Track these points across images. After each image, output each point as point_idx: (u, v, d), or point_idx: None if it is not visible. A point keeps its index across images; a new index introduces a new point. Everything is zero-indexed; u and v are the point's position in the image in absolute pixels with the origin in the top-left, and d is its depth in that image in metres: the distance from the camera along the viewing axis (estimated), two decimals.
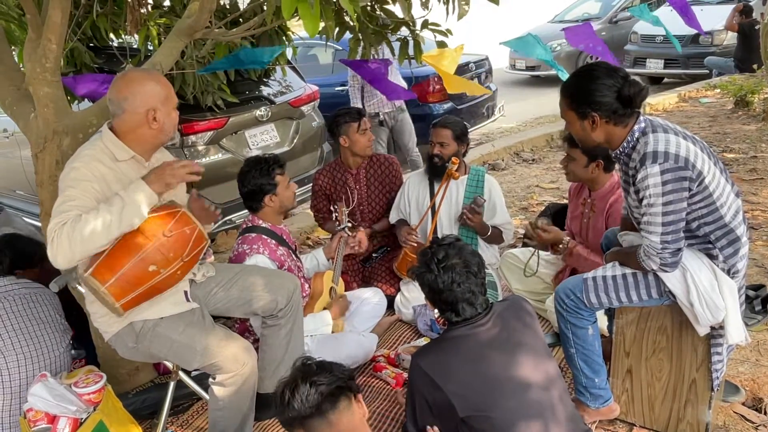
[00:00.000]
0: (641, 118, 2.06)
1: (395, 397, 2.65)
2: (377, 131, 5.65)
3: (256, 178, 2.76)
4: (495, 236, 3.31)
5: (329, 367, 1.64)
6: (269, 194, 2.78)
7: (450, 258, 1.90)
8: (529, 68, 10.67)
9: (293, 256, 2.93)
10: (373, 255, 3.60)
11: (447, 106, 6.26)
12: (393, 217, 3.53)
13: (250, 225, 2.85)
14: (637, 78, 2.08)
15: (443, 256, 1.91)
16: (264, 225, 2.84)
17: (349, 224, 3.29)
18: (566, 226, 3.20)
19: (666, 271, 2.08)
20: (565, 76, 2.71)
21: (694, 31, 9.26)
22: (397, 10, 2.96)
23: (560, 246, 2.85)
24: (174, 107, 2.10)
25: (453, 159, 3.17)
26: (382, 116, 5.49)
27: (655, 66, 9.69)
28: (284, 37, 3.98)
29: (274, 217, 2.87)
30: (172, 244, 1.98)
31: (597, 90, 2.01)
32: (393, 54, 3.29)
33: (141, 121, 2.02)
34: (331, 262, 3.20)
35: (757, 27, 8.69)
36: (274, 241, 2.81)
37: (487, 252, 3.37)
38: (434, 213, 3.31)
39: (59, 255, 1.83)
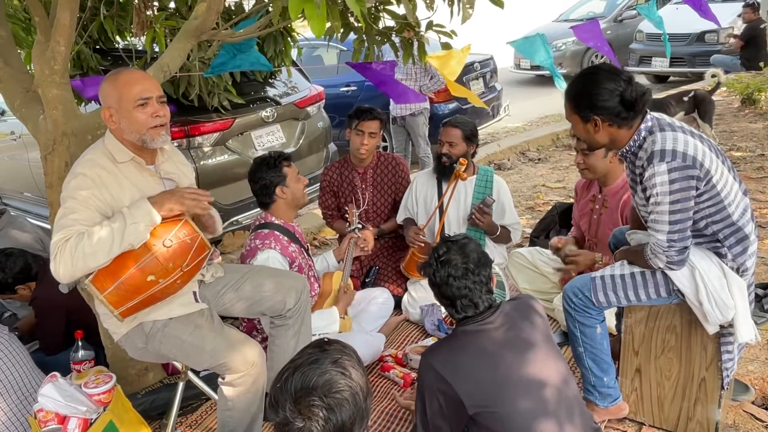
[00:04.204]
0: (648, 116, 2.06)
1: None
2: (397, 131, 5.91)
3: (264, 173, 2.81)
4: (504, 236, 3.31)
5: None
6: (280, 186, 2.82)
7: (449, 253, 1.92)
8: (534, 68, 10.64)
9: (305, 254, 2.94)
10: (366, 280, 3.55)
11: (452, 105, 6.27)
12: (401, 216, 3.53)
13: (263, 222, 2.87)
14: (642, 77, 2.07)
15: (443, 252, 1.94)
16: (277, 222, 2.86)
17: (359, 226, 3.29)
18: (573, 224, 3.19)
19: (673, 269, 2.07)
20: (561, 84, 2.71)
21: (699, 30, 9.32)
22: (401, 11, 2.95)
23: (596, 265, 2.79)
24: (137, 106, 1.99)
25: (461, 160, 3.16)
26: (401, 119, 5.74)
27: (660, 64, 9.65)
28: (289, 38, 3.99)
29: (287, 213, 2.89)
30: (172, 254, 1.96)
31: (599, 94, 2.01)
32: (397, 55, 3.28)
33: (108, 121, 2.05)
34: (341, 264, 3.21)
35: (762, 26, 8.66)
36: (286, 238, 2.82)
37: (495, 251, 3.36)
38: (442, 213, 3.31)
39: (61, 270, 1.87)
